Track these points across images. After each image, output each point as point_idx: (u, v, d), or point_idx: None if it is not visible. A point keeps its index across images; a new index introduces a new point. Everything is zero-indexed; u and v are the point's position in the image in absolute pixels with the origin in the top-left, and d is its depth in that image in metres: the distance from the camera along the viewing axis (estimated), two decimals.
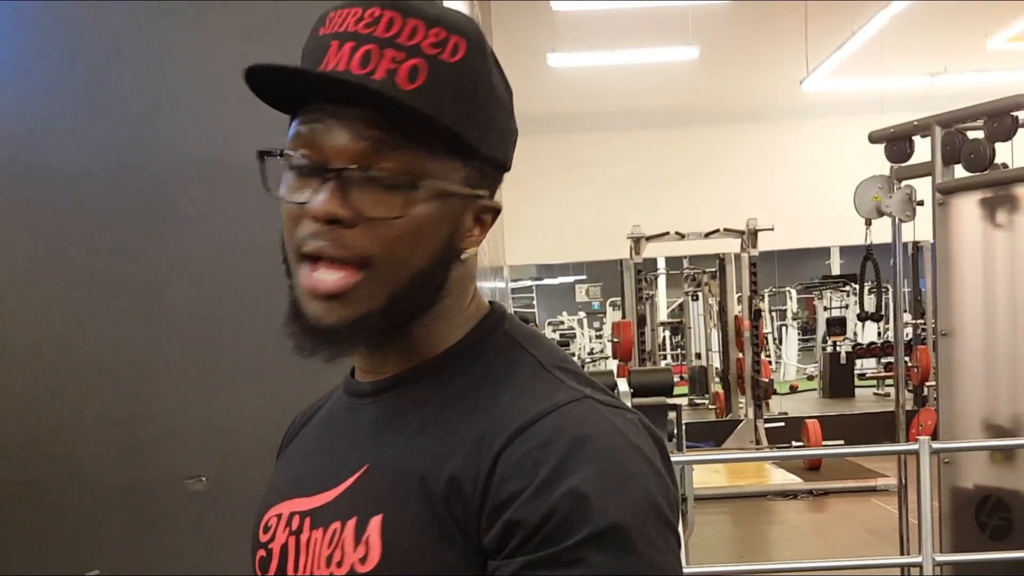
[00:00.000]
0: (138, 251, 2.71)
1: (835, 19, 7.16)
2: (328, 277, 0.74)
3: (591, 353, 15.58)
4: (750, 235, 8.81)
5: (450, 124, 0.74)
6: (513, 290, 17.46)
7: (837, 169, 8.60)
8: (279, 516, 0.84)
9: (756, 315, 8.75)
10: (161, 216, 2.74)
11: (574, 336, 16.92)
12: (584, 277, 19.27)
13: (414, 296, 0.77)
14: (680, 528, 3.42)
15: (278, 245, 0.80)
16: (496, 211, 0.82)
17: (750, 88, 9.44)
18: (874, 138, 4.79)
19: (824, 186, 9.19)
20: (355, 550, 0.75)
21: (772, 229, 8.68)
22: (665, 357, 14.45)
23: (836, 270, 18.35)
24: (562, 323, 17.95)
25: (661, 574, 0.70)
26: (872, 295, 7.06)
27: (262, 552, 0.85)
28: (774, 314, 16.79)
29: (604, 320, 16.77)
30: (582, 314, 18.21)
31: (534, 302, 19.43)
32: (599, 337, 17.12)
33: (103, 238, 2.79)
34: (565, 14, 7.64)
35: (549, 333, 16.11)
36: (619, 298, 13.25)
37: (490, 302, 0.86)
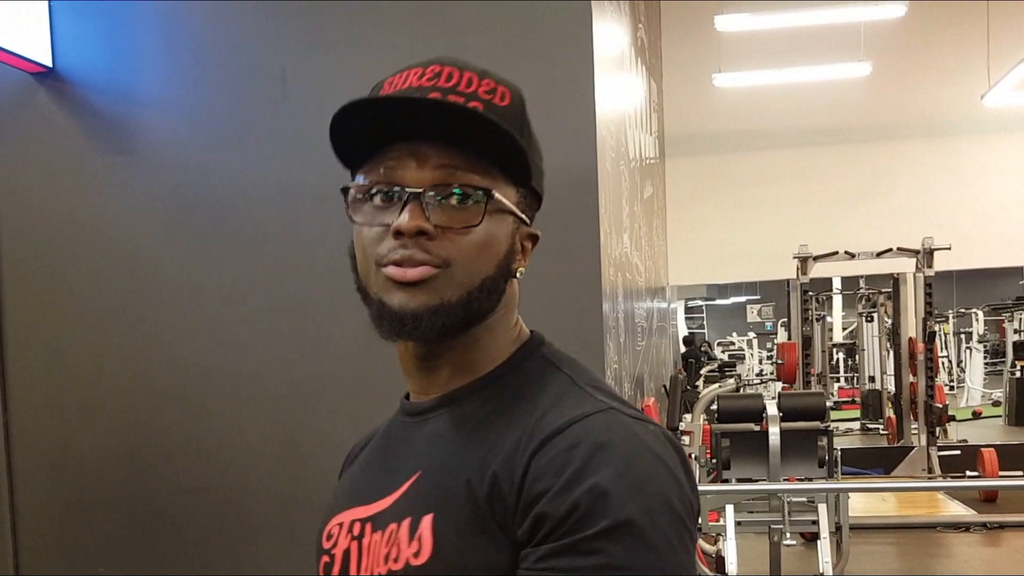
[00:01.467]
0: (295, 274, 2.91)
1: (1018, 29, 6.84)
2: (413, 269, 0.84)
3: (760, 375, 15.22)
4: (925, 254, 8.46)
5: (521, 144, 0.86)
6: (686, 309, 17.31)
7: (1020, 186, 8.18)
8: (341, 524, 0.94)
9: (931, 337, 8.39)
10: (315, 240, 2.94)
11: (743, 357, 16.59)
12: (757, 297, 18.89)
13: (484, 299, 0.87)
14: (825, 557, 3.31)
15: None
16: (536, 238, 0.94)
17: (925, 103, 9.08)
18: None
19: (1007, 204, 8.75)
20: (409, 546, 0.84)
21: (949, 248, 8.29)
22: (838, 380, 13.98)
23: None
24: (732, 343, 17.62)
25: (672, 568, 0.77)
26: None
27: (326, 558, 0.94)
28: (961, 336, 15.98)
29: (775, 341, 16.38)
30: (751, 334, 17.83)
31: (704, 322, 19.18)
32: (770, 358, 16.73)
33: (264, 259, 3.01)
34: (730, 34, 7.61)
35: (718, 353, 15.87)
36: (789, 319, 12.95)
37: (531, 331, 0.96)
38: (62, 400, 3.01)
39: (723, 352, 16.61)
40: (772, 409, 4.48)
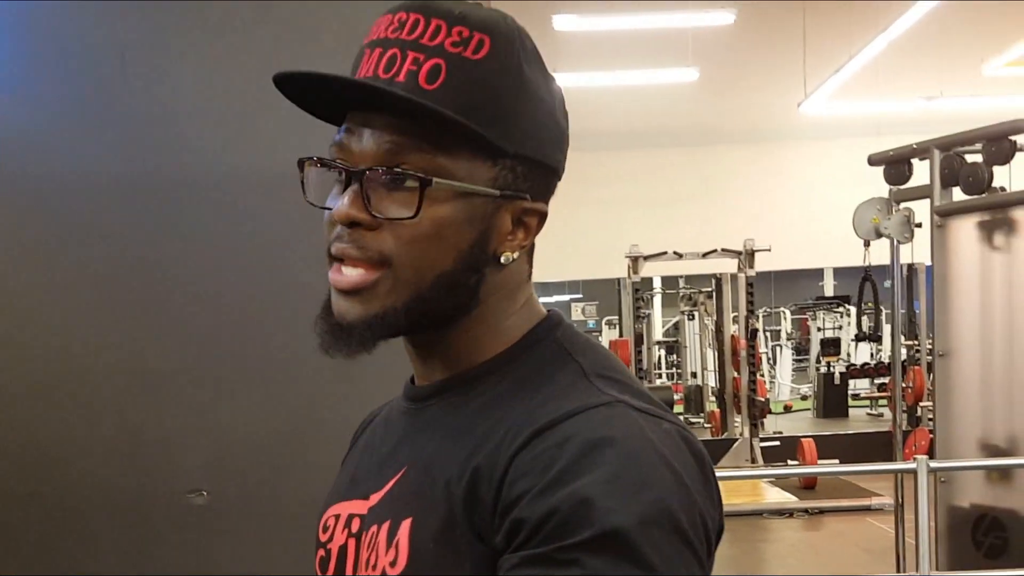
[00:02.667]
0: (143, 262, 2.74)
1: (833, 42, 7.25)
2: (349, 273, 0.76)
3: None
4: (747, 255, 8.86)
5: (470, 124, 0.74)
6: None
7: (834, 191, 8.71)
8: (337, 516, 0.86)
9: (752, 335, 8.80)
10: (165, 227, 2.77)
11: None
12: (580, 296, 19.32)
13: (440, 298, 0.77)
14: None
15: (279, 256, 0.84)
16: (542, 214, 0.81)
17: (749, 110, 9.53)
18: (873, 160, 4.86)
19: (821, 207, 9.29)
20: (387, 553, 0.76)
21: (769, 250, 8.73)
22: (660, 376, 14.48)
23: (830, 291, 18.43)
24: None
25: None
26: (867, 316, 7.11)
27: (322, 552, 0.87)
28: (768, 334, 16.84)
29: (600, 339, 16.81)
30: None
31: None
32: None
33: (106, 248, 2.82)
34: (566, 34, 7.71)
35: None
36: (615, 317, 13.31)
37: (548, 310, 0.85)
38: None
39: None
40: None
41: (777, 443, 8.85)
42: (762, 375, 9.85)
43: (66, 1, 2.79)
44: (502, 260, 0.79)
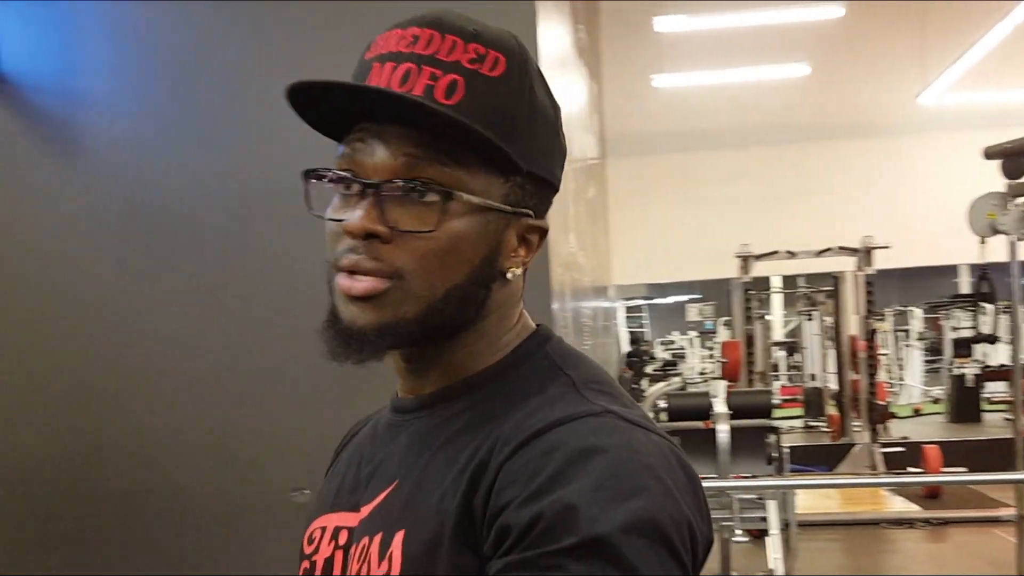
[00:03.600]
0: (247, 268, 2.82)
1: (953, 31, 6.94)
2: (361, 280, 0.75)
3: (702, 373, 15.34)
4: (865, 253, 8.56)
5: (493, 138, 0.74)
6: (627, 309, 17.36)
7: (957, 185, 8.30)
8: (323, 529, 0.86)
9: (871, 335, 8.48)
10: (270, 234, 2.85)
11: (684, 356, 16.70)
12: (697, 296, 19.04)
13: (451, 312, 0.77)
14: (776, 553, 3.29)
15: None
16: (543, 231, 0.82)
17: (864, 103, 9.20)
18: (989, 153, 4.63)
19: (943, 202, 8.87)
20: (379, 565, 0.76)
21: (888, 247, 8.41)
22: (778, 378, 14.12)
23: (965, 289, 17.64)
24: (672, 342, 17.74)
25: None
26: (988, 316, 6.77)
27: (306, 564, 0.86)
28: (898, 335, 16.26)
29: (716, 340, 16.52)
30: (693, 333, 17.96)
31: (645, 321, 19.26)
32: (711, 357, 16.87)
33: (211, 254, 2.92)
34: (669, 34, 7.61)
35: (659, 352, 15.96)
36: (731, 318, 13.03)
37: (537, 324, 0.85)
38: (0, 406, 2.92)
39: (665, 351, 16.70)
40: (720, 407, 4.47)
41: (902, 448, 8.50)
42: (889, 376, 9.48)
43: (177, 2, 2.91)
44: (508, 276, 0.80)
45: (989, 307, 7.65)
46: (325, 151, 0.88)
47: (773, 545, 4.15)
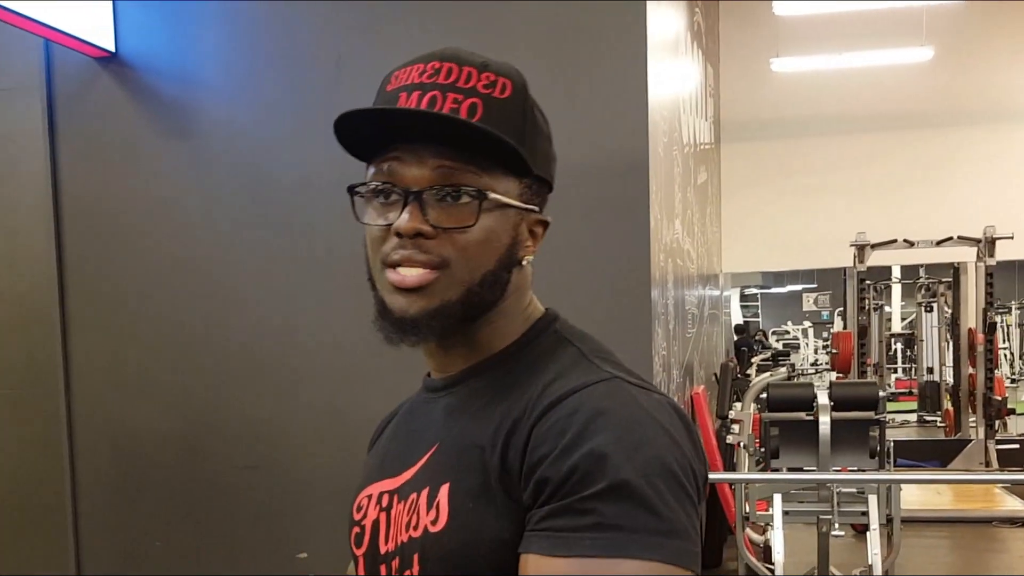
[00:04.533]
0: (354, 259, 2.95)
1: None
2: (412, 273, 0.89)
3: (814, 364, 15.03)
4: (987, 243, 8.27)
5: (517, 148, 0.89)
6: (742, 297, 17.14)
7: None
8: (370, 497, 1.00)
9: (991, 328, 8.22)
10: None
11: (798, 346, 16.37)
12: (813, 285, 18.63)
13: (485, 293, 0.91)
14: (875, 548, 3.25)
15: None
16: (547, 224, 0.98)
17: (988, 88, 8.87)
18: None
19: None
20: (428, 514, 0.88)
21: (1012, 237, 8.12)
22: (896, 371, 13.76)
23: None
24: (786, 332, 17.41)
25: (668, 528, 0.78)
26: None
27: (356, 529, 1.00)
28: (1022, 328, 15.63)
29: (831, 330, 16.13)
30: (807, 323, 17.59)
31: (759, 310, 18.97)
32: (826, 348, 16.50)
33: (319, 244, 3.05)
34: (789, 18, 7.50)
35: (772, 342, 15.67)
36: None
37: (546, 308, 1.01)
38: (122, 380, 3.09)
39: (778, 341, 16.41)
40: (823, 398, 4.43)
41: (1017, 446, 8.23)
42: (1007, 373, 9.16)
43: (287, 2, 3.02)
44: (523, 263, 0.96)
45: None
46: None
47: (873, 540, 4.11)
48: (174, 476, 3.10)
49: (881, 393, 4.51)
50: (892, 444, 4.60)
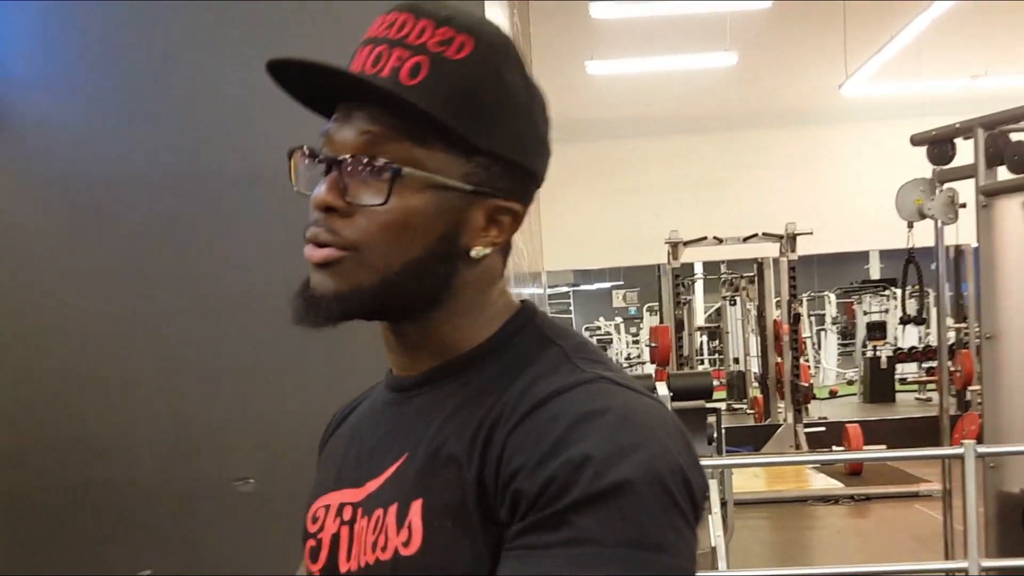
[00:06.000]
0: (184, 257, 2.78)
1: (874, 22, 7.15)
2: (318, 250, 0.79)
3: (628, 358, 15.58)
4: (789, 239, 8.79)
5: (443, 118, 0.77)
6: (550, 296, 17.48)
7: (877, 173, 8.57)
8: (327, 507, 0.88)
9: (795, 319, 8.72)
10: (206, 221, 2.80)
11: (611, 341, 16.93)
12: (621, 283, 19.27)
13: (410, 285, 0.80)
14: (717, 530, 3.40)
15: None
16: (515, 213, 0.83)
17: (789, 93, 9.42)
18: (916, 140, 4.78)
19: (864, 190, 9.16)
20: (398, 534, 0.78)
21: (811, 233, 8.65)
22: (703, 362, 14.41)
23: (876, 274, 18.21)
24: (599, 328, 17.95)
25: (652, 543, 0.69)
26: (913, 299, 7.02)
27: (312, 542, 0.88)
28: (813, 319, 16.70)
29: (641, 325, 16.76)
30: (619, 319, 18.21)
31: (571, 308, 19.44)
32: (636, 342, 17.12)
33: (149, 245, 2.86)
34: (603, 21, 7.67)
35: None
36: (656, 303, 13.25)
37: (522, 301, 0.88)
38: None
39: (591, 336, 16.89)
40: (663, 390, 4.55)
41: (823, 429, 8.77)
42: (806, 360, 9.76)
43: (111, 1, 2.83)
44: (472, 254, 0.81)
45: (897, 291, 7.92)
46: (244, 130, 0.90)
47: (714, 523, 4.25)
48: (3, 497, 2.84)
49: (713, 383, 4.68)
50: (724, 431, 4.78)
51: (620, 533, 0.68)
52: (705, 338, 14.87)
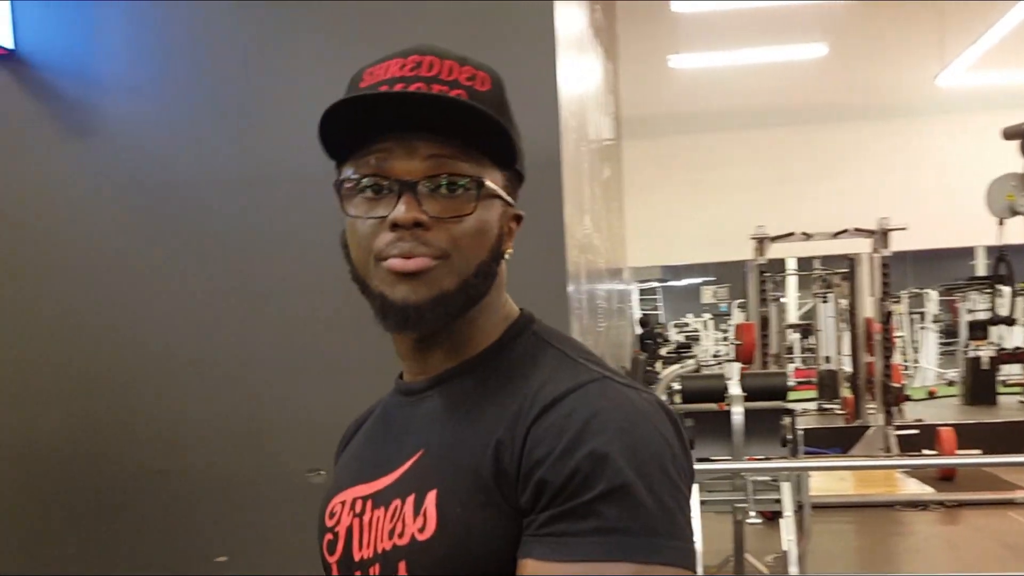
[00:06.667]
0: (264, 255, 2.84)
1: (972, 11, 6.88)
2: (412, 260, 0.86)
3: (715, 356, 15.32)
4: (881, 235, 8.52)
5: (513, 136, 0.89)
6: (641, 291, 17.37)
7: (975, 166, 8.26)
8: (343, 503, 0.96)
9: (887, 318, 8.46)
10: (280, 221, 2.86)
11: (698, 339, 16.68)
12: (712, 278, 19.00)
13: (479, 284, 0.89)
14: (789, 534, 3.28)
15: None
16: (521, 218, 0.96)
17: (881, 84, 9.14)
18: (1008, 134, 4.60)
19: (960, 184, 8.83)
20: (414, 521, 0.85)
21: (905, 229, 8.37)
22: (793, 361, 14.10)
23: (981, 271, 17.54)
24: (687, 324, 17.73)
25: (666, 529, 0.77)
26: (1004, 298, 6.74)
27: (329, 536, 0.96)
28: (913, 317, 16.20)
29: (731, 323, 16.49)
30: (707, 316, 17.94)
31: (659, 304, 19.24)
32: (725, 339, 16.85)
33: (230, 242, 2.93)
34: (685, 15, 7.57)
35: (673, 335, 15.94)
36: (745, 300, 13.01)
37: (520, 309, 0.98)
38: (23, 384, 2.96)
39: (679, 333, 16.69)
40: (735, 389, 4.46)
41: (916, 431, 8.49)
42: (903, 360, 9.45)
43: (196, 2, 2.91)
44: (506, 256, 0.94)
45: (1006, 289, 7.61)
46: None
47: (787, 527, 4.15)
48: (80, 485, 2.97)
49: (790, 383, 4.57)
50: (802, 432, 4.66)
51: (641, 522, 0.77)
52: (797, 336, 14.54)
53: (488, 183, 0.88)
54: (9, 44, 2.86)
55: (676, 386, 4.72)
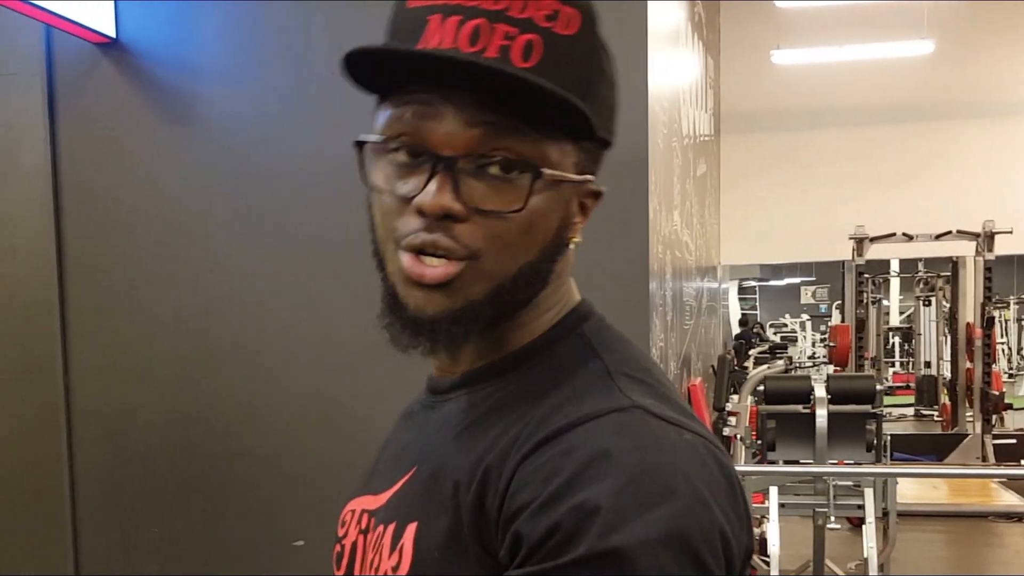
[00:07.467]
0: (344, 247, 2.93)
1: None
2: (435, 264, 0.69)
3: (812, 357, 15.05)
4: (986, 238, 8.28)
5: (583, 108, 0.67)
6: (740, 290, 17.16)
7: None
8: (352, 512, 0.84)
9: (989, 323, 8.23)
10: (365, 215, 2.97)
11: (795, 340, 16.41)
12: (812, 278, 18.66)
13: (518, 291, 0.72)
14: (870, 541, 3.25)
15: None
16: (600, 194, 0.76)
17: (988, 82, 8.87)
18: None
19: None
20: (390, 557, 0.73)
21: (1011, 232, 8.12)
22: (893, 365, 13.78)
23: None
24: (784, 325, 17.45)
25: None
26: None
27: (338, 547, 0.85)
28: (1021, 323, 15.66)
29: (829, 324, 16.19)
30: (805, 316, 17.62)
31: (757, 303, 18.97)
32: (824, 341, 16.56)
33: (315, 232, 3.05)
34: (789, 10, 7.49)
35: (770, 335, 15.73)
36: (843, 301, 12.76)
37: (581, 298, 0.80)
38: (119, 367, 3.10)
39: (775, 334, 16.45)
40: (820, 391, 4.44)
41: (1014, 440, 8.25)
42: (1005, 367, 9.15)
43: (289, 1, 3.03)
44: (571, 246, 0.75)
45: None
46: None
47: (868, 533, 4.12)
48: (170, 462, 3.10)
49: (878, 387, 4.52)
50: (889, 438, 4.61)
51: None
52: (898, 340, 14.20)
53: (548, 172, 0.68)
54: (111, 33, 2.94)
55: (761, 387, 4.71)
